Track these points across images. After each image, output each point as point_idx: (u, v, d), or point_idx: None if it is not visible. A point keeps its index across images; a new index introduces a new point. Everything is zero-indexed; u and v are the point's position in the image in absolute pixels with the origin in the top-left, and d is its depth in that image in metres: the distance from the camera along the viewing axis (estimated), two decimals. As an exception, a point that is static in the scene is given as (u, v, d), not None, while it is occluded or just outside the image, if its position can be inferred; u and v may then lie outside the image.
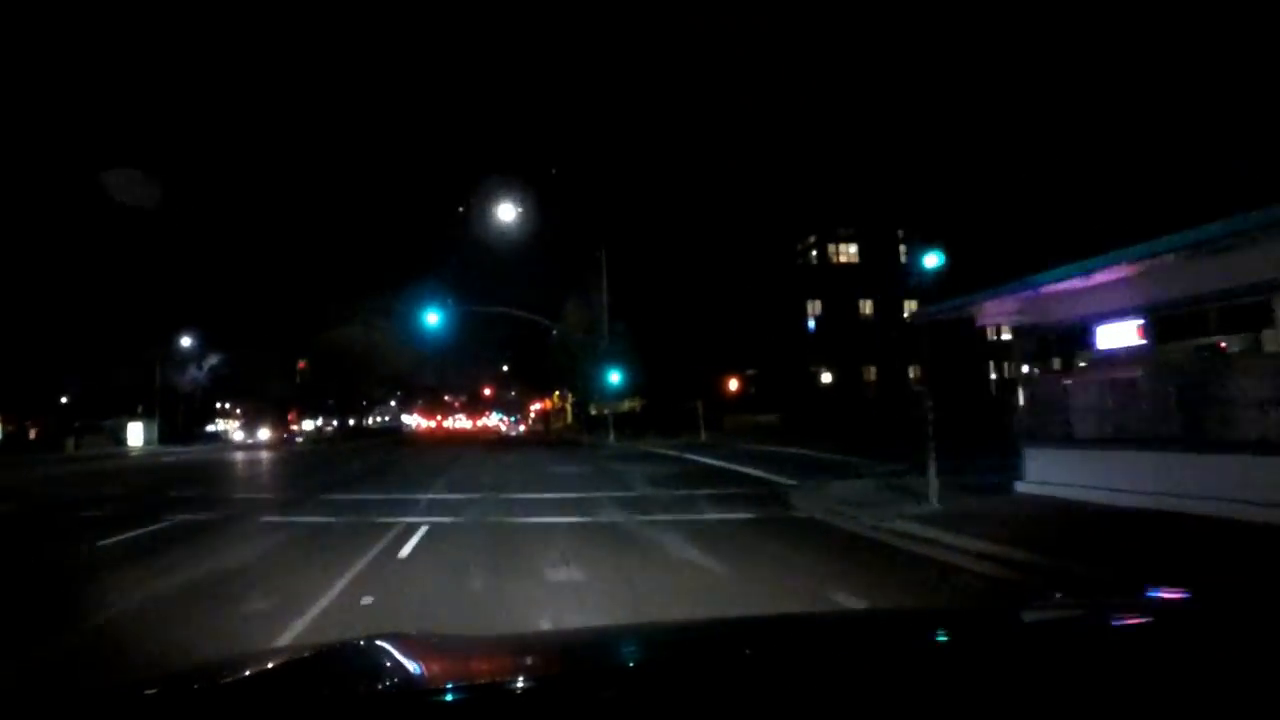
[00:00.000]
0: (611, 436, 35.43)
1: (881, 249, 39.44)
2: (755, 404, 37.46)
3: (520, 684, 1.27)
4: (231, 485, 17.04)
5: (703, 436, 31.99)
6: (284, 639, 4.60)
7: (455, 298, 35.43)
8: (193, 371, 68.69)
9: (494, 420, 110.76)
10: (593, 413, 59.73)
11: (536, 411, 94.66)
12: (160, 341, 61.77)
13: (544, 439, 50.94)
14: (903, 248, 40.21)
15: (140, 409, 62.45)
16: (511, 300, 39.60)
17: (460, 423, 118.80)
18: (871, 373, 38.40)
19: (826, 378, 37.56)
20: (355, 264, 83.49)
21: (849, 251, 39.30)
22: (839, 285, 37.98)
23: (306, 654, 1.58)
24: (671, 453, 23.43)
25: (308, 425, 74.81)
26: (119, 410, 59.10)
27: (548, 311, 41.67)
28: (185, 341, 65.19)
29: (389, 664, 1.41)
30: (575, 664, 1.54)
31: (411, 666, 1.38)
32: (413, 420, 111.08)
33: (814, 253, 39.28)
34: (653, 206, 40.21)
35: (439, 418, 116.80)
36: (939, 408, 9.59)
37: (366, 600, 5.60)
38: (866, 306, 38.83)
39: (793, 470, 15.03)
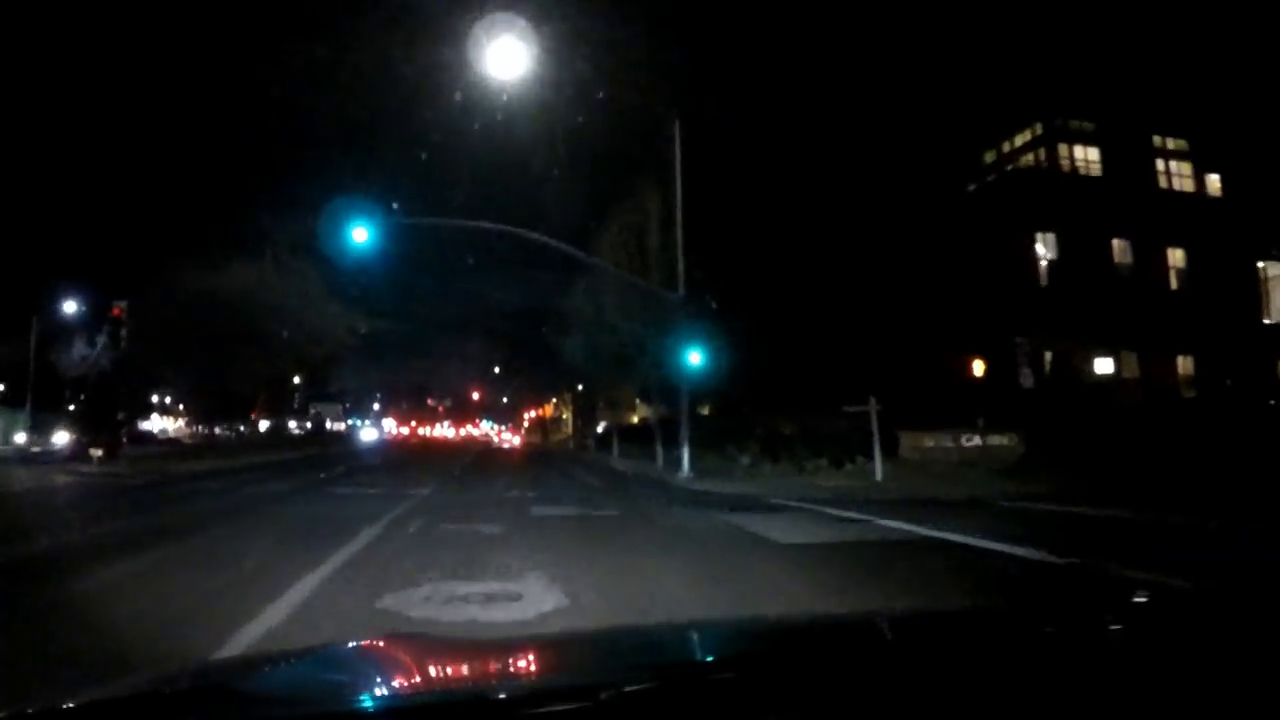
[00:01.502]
0: (685, 464, 19.17)
1: (1131, 160, 23.53)
2: (935, 409, 21.08)
3: (520, 686, 1.25)
4: None
5: (879, 474, 16.01)
6: None
7: (403, 211, 19.24)
8: (80, 348, 52.15)
9: (484, 429, 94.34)
10: (599, 428, 42.91)
11: (531, 419, 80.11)
12: (39, 311, 47.03)
13: (544, 449, 36.86)
14: (1160, 163, 24.29)
15: (-3, 396, 47.02)
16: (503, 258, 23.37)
17: (444, 430, 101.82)
18: (1131, 362, 22.08)
19: (1104, 367, 20.79)
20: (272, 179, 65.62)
21: (1088, 159, 23.14)
22: (1076, 211, 21.79)
23: (307, 654, 1.58)
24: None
25: (264, 426, 59.58)
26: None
27: (564, 273, 26.11)
28: (68, 308, 49.09)
29: (392, 664, 1.39)
30: (577, 665, 1.49)
31: (414, 667, 1.35)
32: (386, 426, 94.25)
33: (1036, 153, 22.98)
34: (746, 80, 24.17)
35: (414, 424, 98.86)
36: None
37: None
38: (1118, 251, 22.65)
39: None
